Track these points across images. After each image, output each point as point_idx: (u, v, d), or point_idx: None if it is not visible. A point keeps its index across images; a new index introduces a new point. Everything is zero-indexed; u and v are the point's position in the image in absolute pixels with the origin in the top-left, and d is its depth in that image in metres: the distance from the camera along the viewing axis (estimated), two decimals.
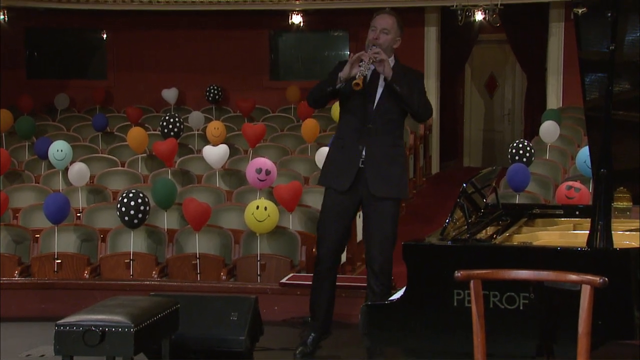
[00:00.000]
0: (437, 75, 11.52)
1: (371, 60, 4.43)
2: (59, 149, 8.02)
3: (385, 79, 4.48)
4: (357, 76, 4.37)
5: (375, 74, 4.54)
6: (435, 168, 11.62)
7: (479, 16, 10.36)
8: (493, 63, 12.73)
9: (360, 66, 4.42)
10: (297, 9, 11.04)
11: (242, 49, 11.95)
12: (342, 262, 6.55)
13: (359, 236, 6.53)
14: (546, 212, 4.35)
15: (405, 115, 4.63)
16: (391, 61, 4.56)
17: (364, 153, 4.51)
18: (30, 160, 9.14)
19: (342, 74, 4.45)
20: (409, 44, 11.32)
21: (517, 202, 6.60)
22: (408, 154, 9.79)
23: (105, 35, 12.40)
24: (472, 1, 9.99)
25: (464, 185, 3.63)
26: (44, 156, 8.48)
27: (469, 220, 3.58)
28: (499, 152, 12.56)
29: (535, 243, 3.68)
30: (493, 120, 12.88)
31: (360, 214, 4.89)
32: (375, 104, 4.52)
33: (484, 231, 3.84)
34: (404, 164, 4.64)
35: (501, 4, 9.84)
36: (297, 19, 11.31)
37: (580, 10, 3.24)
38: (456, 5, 9.99)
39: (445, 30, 11.53)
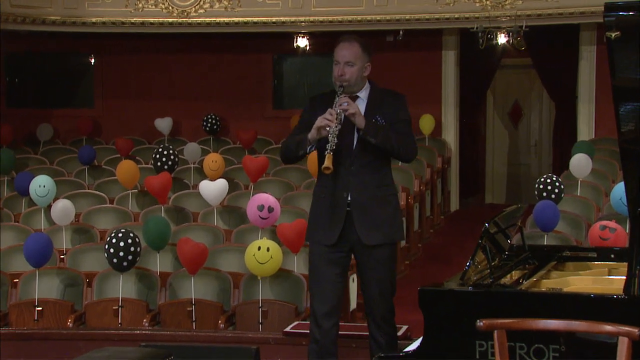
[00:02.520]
0: (456, 103, 11.58)
1: (339, 122, 4.34)
2: (41, 184, 8.06)
3: (357, 130, 4.43)
4: (326, 152, 4.30)
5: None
6: (454, 205, 11.62)
7: (502, 39, 10.43)
8: (518, 90, 12.78)
9: (328, 129, 4.33)
10: (302, 31, 11.14)
11: (243, 74, 12.04)
12: (352, 309, 6.54)
13: (353, 303, 6.52)
14: (578, 254, 4.35)
15: None
16: (365, 90, 4.55)
17: (349, 199, 4.47)
18: (9, 196, 9.17)
19: (311, 137, 4.41)
20: (426, 69, 11.44)
21: (545, 243, 6.59)
22: (424, 189, 9.80)
23: (92, 60, 12.52)
24: (494, 23, 10.07)
25: (486, 224, 3.64)
26: (25, 192, 8.51)
27: (492, 264, 3.58)
28: (524, 188, 12.55)
29: (566, 289, 3.67)
30: (518, 153, 12.89)
31: (354, 277, 4.86)
32: (354, 145, 4.48)
33: (508, 275, 3.84)
34: (396, 204, 4.62)
35: (526, 26, 9.92)
36: (302, 42, 11.41)
37: (613, 34, 3.24)
38: (477, 27, 10.07)
39: (465, 54, 11.61)
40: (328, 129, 4.34)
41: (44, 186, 8.04)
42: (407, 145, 4.49)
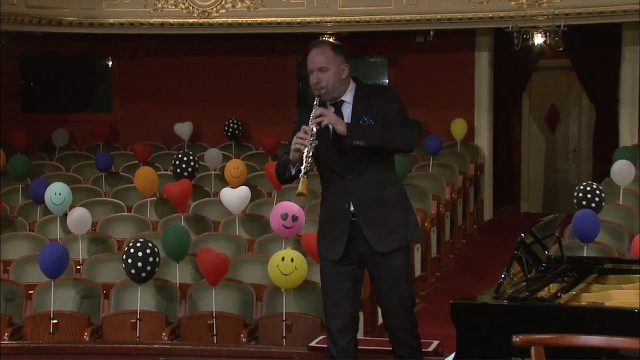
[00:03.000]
0: (489, 107, 11.54)
1: (314, 138, 4.30)
2: (56, 191, 8.12)
3: (342, 137, 4.33)
4: (300, 175, 4.26)
5: (339, 114, 4.43)
6: (487, 214, 11.57)
7: (538, 39, 10.39)
8: (555, 93, 12.71)
9: (304, 149, 4.29)
10: (328, 32, 11.14)
11: (266, 77, 12.08)
12: (380, 323, 6.53)
13: (380, 317, 6.49)
14: (620, 267, 4.32)
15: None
16: (350, 92, 4.47)
17: (351, 208, 4.42)
18: (24, 204, 9.26)
19: (292, 158, 4.39)
20: (458, 71, 11.41)
21: (584, 254, 6.54)
22: (456, 197, 9.77)
23: (110, 63, 12.61)
24: (530, 22, 10.03)
25: (522, 234, 3.62)
26: (40, 200, 8.58)
27: (529, 276, 3.56)
28: (562, 197, 12.47)
29: (608, 303, 3.64)
30: (555, 159, 12.82)
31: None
32: (348, 154, 4.41)
33: (546, 288, 3.82)
34: (405, 204, 4.52)
35: (564, 25, 9.86)
36: None
37: None
38: (512, 27, 10.03)
39: (499, 55, 11.57)
40: (303, 146, 4.30)
41: (60, 194, 8.10)
42: (401, 135, 4.36)
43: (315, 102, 4.40)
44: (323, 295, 4.59)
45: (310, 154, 4.31)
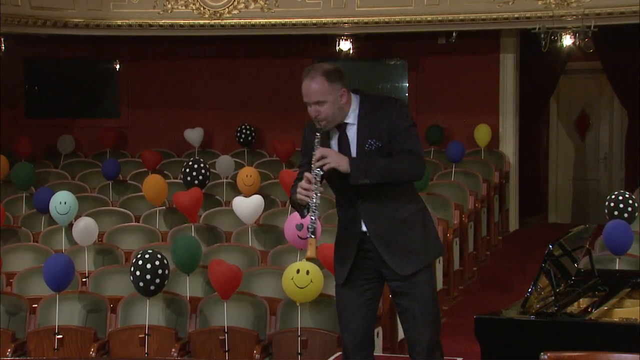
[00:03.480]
0: (515, 111, 11.50)
1: (318, 186, 4.26)
2: (61, 201, 8.15)
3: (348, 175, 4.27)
4: (308, 236, 4.24)
5: (344, 137, 4.42)
6: (513, 225, 11.54)
7: (567, 40, 10.35)
8: (585, 97, 12.67)
9: (311, 200, 4.26)
10: (345, 33, 11.16)
11: (281, 81, 12.09)
12: (400, 339, 6.51)
13: (401, 332, 6.45)
14: None
15: None
16: (353, 112, 4.42)
17: (363, 228, 4.39)
18: (28, 214, 9.30)
19: (299, 202, 4.34)
20: (482, 75, 11.40)
21: (616, 267, 6.51)
22: (480, 207, 9.75)
23: (117, 66, 12.67)
24: (558, 22, 10.00)
25: (550, 246, 3.61)
26: (44, 209, 8.62)
27: (557, 290, 3.55)
28: (593, 206, 12.42)
29: None
30: (585, 167, 12.77)
31: None
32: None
33: (575, 303, 3.80)
34: (423, 219, 4.46)
35: (595, 26, 9.82)
36: (345, 45, 11.43)
37: None
38: (539, 28, 9.99)
39: (525, 57, 11.55)
40: (308, 197, 4.27)
41: (65, 203, 8.13)
42: (407, 166, 4.29)
43: (316, 140, 4.34)
44: (337, 309, 4.60)
45: (317, 205, 4.28)
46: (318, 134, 4.35)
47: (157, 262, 6.24)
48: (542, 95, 12.04)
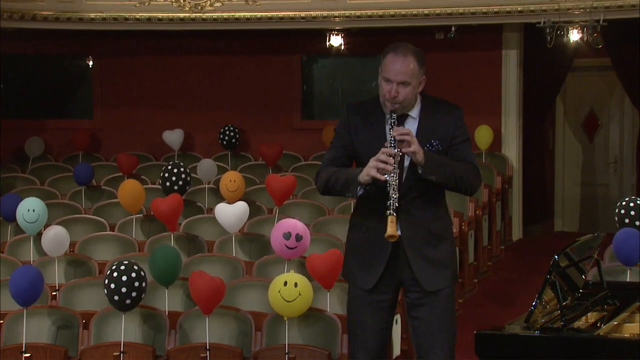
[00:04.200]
0: (519, 112, 11.54)
1: (397, 166, 4.31)
2: (30, 208, 8.13)
3: (415, 166, 4.37)
4: (388, 214, 4.25)
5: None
6: (517, 233, 11.56)
7: (574, 35, 10.39)
8: (593, 96, 12.71)
9: (387, 177, 4.28)
10: (336, 27, 11.18)
11: (267, 79, 12.10)
12: (395, 356, 6.52)
13: (396, 349, 6.49)
14: None
15: None
16: (417, 106, 4.52)
17: (399, 234, 4.41)
18: None
19: (363, 180, 4.35)
20: (483, 72, 11.42)
21: (627, 279, 6.52)
22: (481, 214, 9.78)
23: (90, 63, 12.65)
24: (565, 16, 10.03)
25: (556, 256, 3.63)
26: (11, 217, 8.59)
27: (564, 303, 3.56)
28: (602, 213, 12.45)
29: None
30: (594, 171, 12.81)
31: (397, 318, 4.81)
32: (405, 174, 4.44)
33: (583, 318, 3.82)
34: (452, 237, 4.60)
35: (604, 20, 9.86)
36: (336, 40, 11.45)
37: None
38: (544, 22, 10.01)
39: (529, 54, 11.58)
40: (385, 176, 4.30)
41: (33, 210, 8.10)
42: (470, 177, 4.47)
43: (392, 121, 4.39)
44: (349, 323, 4.63)
45: (397, 184, 4.30)
46: (395, 114, 4.40)
47: (133, 274, 6.23)
48: (547, 95, 12.06)
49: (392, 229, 4.26)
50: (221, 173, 10.05)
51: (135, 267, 6.28)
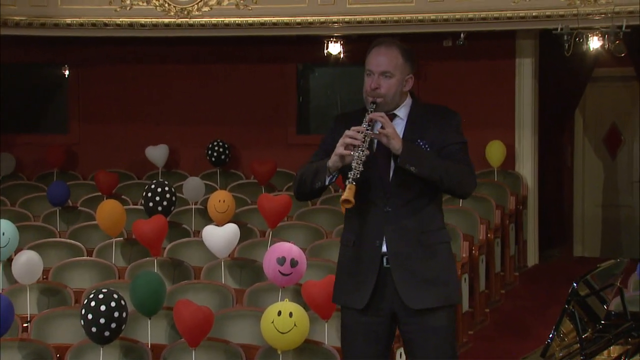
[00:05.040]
0: (533, 126, 11.54)
1: (366, 144, 4.35)
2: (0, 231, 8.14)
3: (393, 157, 4.40)
4: (348, 182, 4.28)
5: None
6: (532, 259, 11.56)
7: (594, 43, 10.41)
8: (615, 109, 12.73)
9: (352, 153, 4.32)
10: (335, 34, 11.20)
11: (259, 90, 12.12)
12: None
13: None
14: None
15: None
16: (405, 107, 4.55)
17: (384, 249, 4.45)
18: None
19: (332, 164, 4.41)
20: (494, 83, 11.44)
21: None
22: (493, 238, 9.77)
23: (66, 73, 12.66)
24: (584, 22, 10.04)
25: (575, 284, 3.63)
26: None
27: (583, 336, 3.56)
28: (625, 237, 12.45)
29: None
30: (616, 191, 12.82)
31: (401, 351, 4.76)
32: (390, 178, 4.46)
33: (605, 352, 3.82)
34: (449, 255, 4.56)
35: (627, 26, 9.87)
36: (335, 48, 11.48)
37: None
38: (562, 28, 10.02)
39: (545, 63, 11.60)
40: (352, 152, 4.33)
41: (3, 234, 8.09)
42: (460, 174, 4.44)
43: (371, 109, 4.45)
44: (344, 353, 4.61)
45: (363, 159, 4.32)
46: (374, 106, 4.45)
47: (112, 304, 6.22)
48: (565, 107, 12.08)
49: (348, 193, 4.26)
50: (209, 192, 10.05)
51: (115, 296, 6.27)
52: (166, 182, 9.41)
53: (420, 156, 4.37)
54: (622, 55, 10.83)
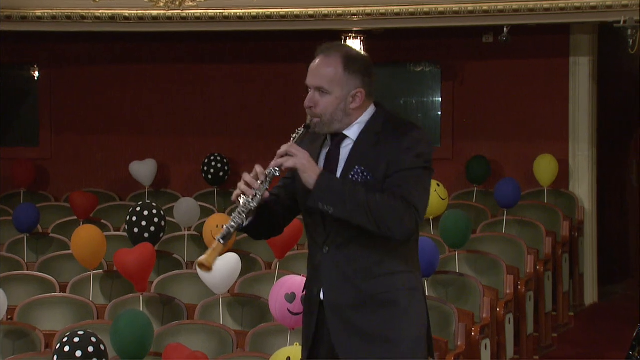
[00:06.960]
0: (591, 138, 11.52)
1: (265, 183, 4.39)
2: None
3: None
4: (217, 238, 4.35)
5: (334, 153, 4.47)
6: (590, 296, 11.53)
7: None
8: None
9: (240, 200, 4.41)
10: (354, 28, 11.21)
11: (263, 95, 12.14)
12: None
13: None
14: None
15: None
16: (358, 125, 4.45)
17: (321, 297, 4.45)
18: None
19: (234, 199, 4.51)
20: (544, 85, 11.44)
21: None
22: (542, 271, 9.75)
23: (36, 74, 12.71)
24: None
25: None
26: None
27: None
28: None
29: None
30: None
31: None
32: (324, 215, 4.39)
33: None
34: (407, 304, 4.38)
35: None
36: (354, 44, 11.49)
37: None
38: (625, 21, 10.01)
39: (605, 62, 11.60)
40: (241, 198, 4.41)
41: None
42: (388, 211, 4.22)
43: (294, 135, 4.47)
44: None
45: (248, 210, 4.38)
46: (301, 129, 4.46)
47: (90, 348, 6.23)
48: (628, 116, 12.08)
49: (207, 255, 4.29)
50: (205, 216, 10.07)
51: (93, 339, 6.28)
52: (154, 204, 9.43)
53: (338, 191, 4.26)
54: None
